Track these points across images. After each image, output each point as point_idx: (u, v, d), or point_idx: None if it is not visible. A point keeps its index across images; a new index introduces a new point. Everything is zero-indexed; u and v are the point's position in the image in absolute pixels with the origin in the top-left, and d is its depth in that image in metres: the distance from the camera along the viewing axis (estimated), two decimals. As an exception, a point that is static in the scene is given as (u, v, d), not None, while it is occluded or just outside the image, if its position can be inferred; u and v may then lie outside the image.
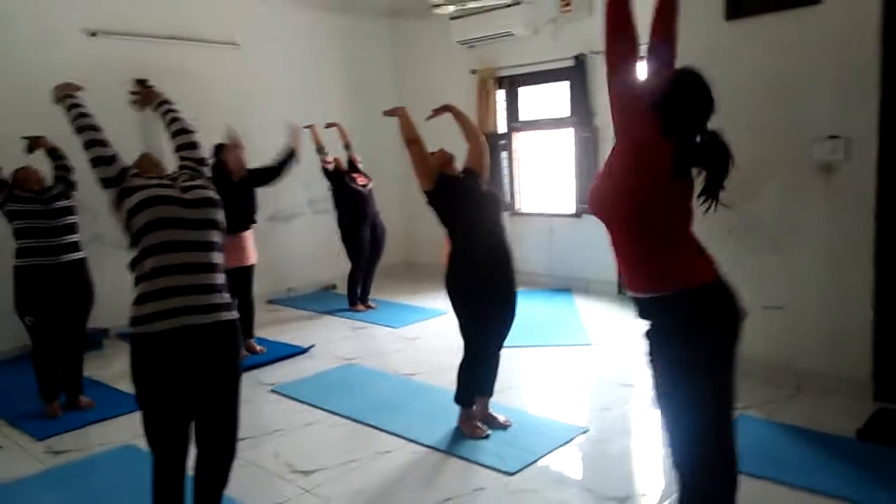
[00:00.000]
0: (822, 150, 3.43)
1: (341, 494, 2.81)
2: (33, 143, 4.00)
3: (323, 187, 7.03)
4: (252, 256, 4.79)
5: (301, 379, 4.28)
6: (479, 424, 3.28)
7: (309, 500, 2.77)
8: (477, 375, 3.27)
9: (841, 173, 3.42)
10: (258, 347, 4.79)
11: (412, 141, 3.36)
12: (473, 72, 6.76)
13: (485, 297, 3.19)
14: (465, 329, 3.25)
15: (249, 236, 4.81)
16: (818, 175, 3.48)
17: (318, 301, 6.45)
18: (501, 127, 6.75)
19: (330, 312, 5.98)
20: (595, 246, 6.24)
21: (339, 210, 5.97)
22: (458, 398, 3.30)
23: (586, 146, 6.08)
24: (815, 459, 2.88)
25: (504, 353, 3.47)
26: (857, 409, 3.30)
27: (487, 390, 3.35)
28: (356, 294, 5.98)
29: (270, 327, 5.46)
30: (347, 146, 6.12)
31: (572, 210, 6.39)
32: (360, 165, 6.12)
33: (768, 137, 3.61)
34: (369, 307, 5.98)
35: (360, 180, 6.02)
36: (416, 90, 7.47)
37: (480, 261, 3.24)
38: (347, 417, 3.62)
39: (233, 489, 2.48)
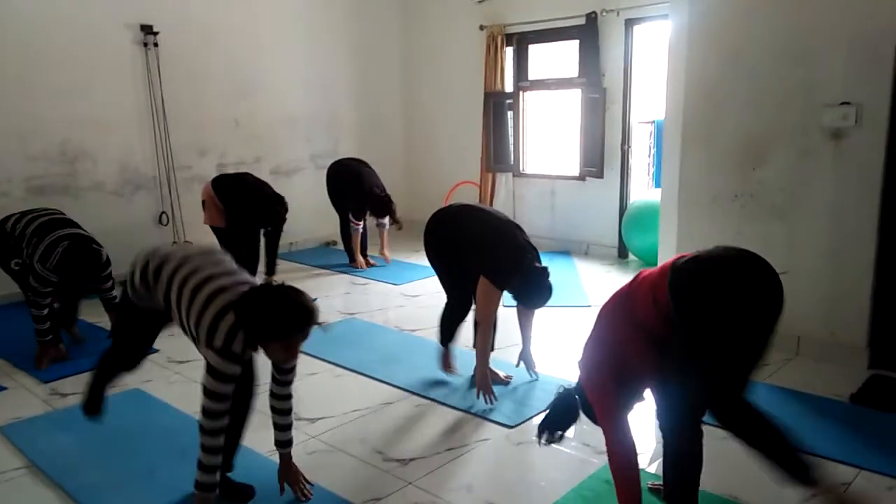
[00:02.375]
0: (833, 116, 3.42)
1: (346, 441, 2.87)
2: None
3: (326, 142, 7.01)
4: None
5: (303, 331, 4.31)
6: (453, 364, 3.48)
7: (315, 445, 2.84)
8: (454, 323, 3.43)
9: (850, 140, 3.41)
10: None
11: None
12: (482, 28, 6.66)
13: (454, 247, 3.29)
14: (441, 279, 3.46)
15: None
16: (827, 141, 3.48)
17: (318, 256, 6.47)
18: (509, 86, 6.67)
19: (330, 268, 6.00)
20: (596, 209, 6.27)
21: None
22: (440, 339, 3.48)
23: (594, 107, 6.03)
24: (808, 421, 2.94)
25: (505, 313, 3.53)
26: (852, 375, 3.36)
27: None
28: (352, 250, 6.00)
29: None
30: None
31: (576, 172, 6.38)
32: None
33: (781, 100, 3.59)
34: (370, 264, 6.00)
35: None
36: (423, 46, 7.37)
37: (455, 211, 3.43)
38: (350, 369, 3.67)
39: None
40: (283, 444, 2.44)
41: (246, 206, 4.84)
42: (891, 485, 2.47)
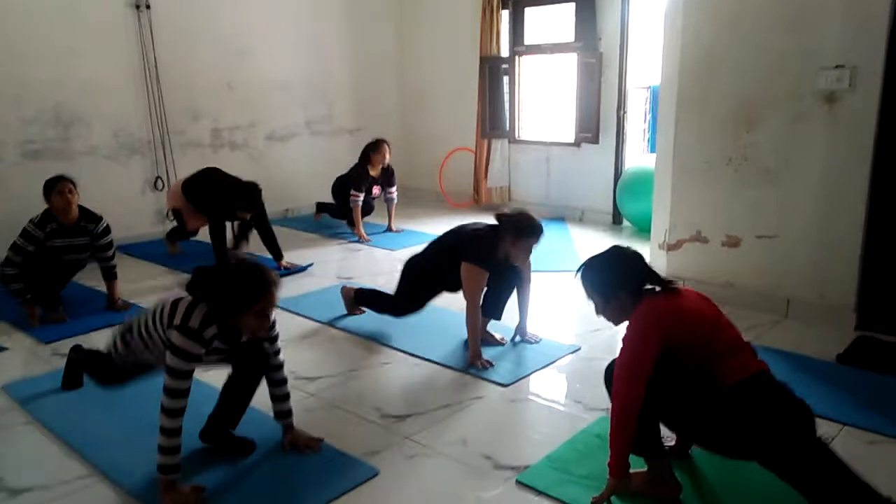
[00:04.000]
0: (828, 79, 3.43)
1: (344, 398, 2.94)
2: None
3: (321, 108, 6.97)
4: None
5: (301, 295, 4.36)
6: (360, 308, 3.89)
7: (312, 403, 2.90)
8: (380, 308, 3.73)
9: (844, 103, 3.43)
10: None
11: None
12: (477, -9, 6.59)
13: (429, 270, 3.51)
14: (404, 285, 3.62)
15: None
16: (821, 105, 3.50)
17: (314, 222, 6.49)
18: (504, 51, 6.63)
19: (326, 233, 6.03)
20: (591, 176, 6.30)
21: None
22: (357, 291, 3.84)
23: (590, 73, 6.01)
24: (796, 380, 2.96)
25: None
26: (840, 337, 3.43)
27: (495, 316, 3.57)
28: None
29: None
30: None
31: (571, 139, 6.38)
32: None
33: (775, 64, 3.60)
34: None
35: (374, 190, 5.94)
36: (418, 10, 7.29)
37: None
38: (347, 331, 3.73)
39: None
40: (283, 415, 2.50)
41: (222, 200, 4.69)
42: (872, 439, 2.55)
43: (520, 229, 3.20)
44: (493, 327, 3.56)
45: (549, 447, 2.50)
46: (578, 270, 2.26)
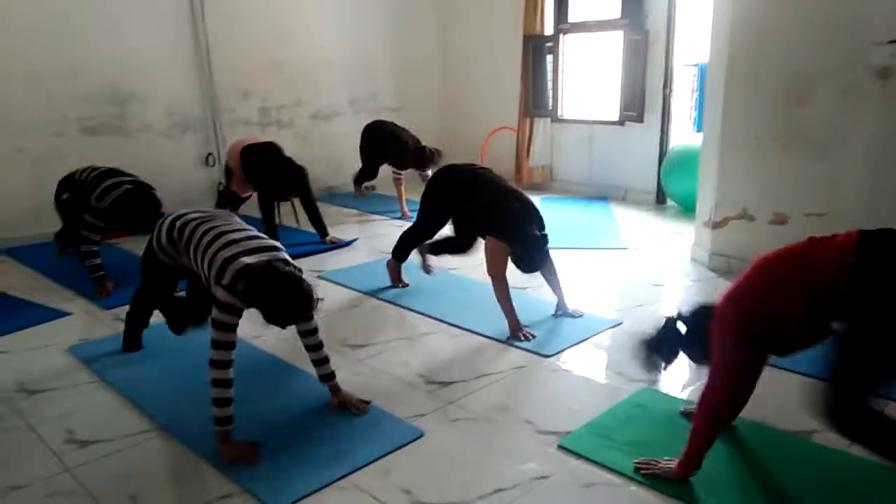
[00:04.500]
0: (882, 54, 3.35)
1: (390, 365, 3.03)
2: None
3: (364, 87, 7.05)
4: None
5: (346, 268, 4.48)
6: (403, 278, 4.05)
7: (361, 368, 3.00)
8: (411, 243, 3.98)
9: (899, 79, 3.35)
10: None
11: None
12: (522, -31, 6.56)
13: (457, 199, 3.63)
14: (424, 213, 3.86)
15: None
16: (874, 81, 3.42)
17: (358, 200, 6.60)
18: (549, 29, 6.59)
19: (371, 211, 6.13)
20: (634, 155, 6.25)
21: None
22: (394, 253, 4.01)
23: (636, 50, 5.95)
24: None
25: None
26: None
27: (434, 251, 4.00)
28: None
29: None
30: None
31: (615, 117, 6.33)
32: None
33: (827, 38, 3.53)
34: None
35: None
36: (462, -12, 7.28)
37: (467, 170, 3.74)
38: (391, 302, 3.82)
39: (284, 356, 2.80)
40: (326, 378, 2.63)
41: (273, 181, 4.83)
42: None
43: (514, 253, 3.30)
44: (536, 302, 3.60)
45: (589, 415, 2.55)
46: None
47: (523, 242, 3.23)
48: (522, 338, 3.23)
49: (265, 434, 2.45)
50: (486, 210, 3.40)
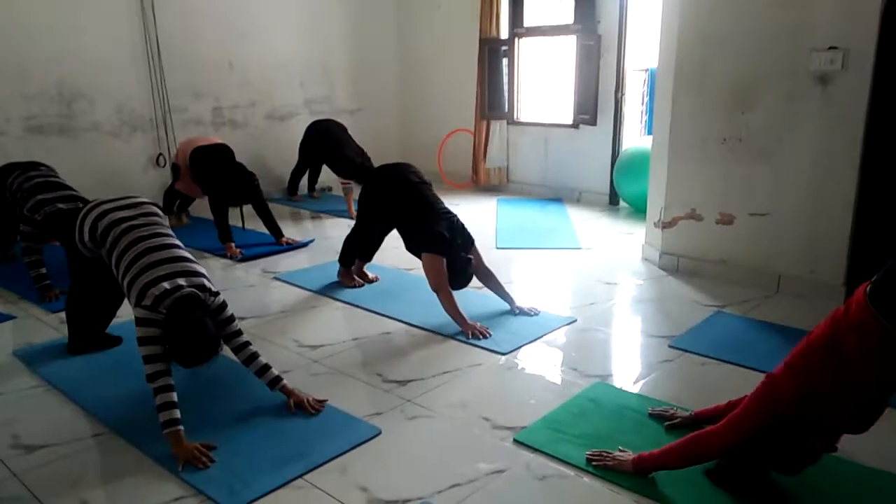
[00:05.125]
0: (821, 60, 3.50)
1: (346, 365, 3.03)
2: None
3: (320, 88, 7.01)
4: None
5: (302, 269, 4.45)
6: (356, 278, 4.09)
7: (317, 368, 2.99)
8: (351, 246, 4.06)
9: (836, 85, 3.51)
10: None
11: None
12: (477, -27, 6.62)
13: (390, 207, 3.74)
14: (364, 215, 3.94)
15: None
16: (814, 86, 3.57)
17: (314, 201, 6.56)
18: (504, 32, 6.67)
19: (327, 212, 6.10)
20: (588, 157, 6.37)
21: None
22: (340, 259, 4.09)
23: (589, 55, 6.07)
24: (784, 350, 3.09)
25: (500, 254, 4.34)
26: (830, 311, 3.51)
27: (365, 258, 4.13)
28: (296, 185, 6.53)
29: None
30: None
31: (569, 120, 6.44)
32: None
33: (771, 45, 3.67)
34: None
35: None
36: (418, -9, 7.32)
37: (400, 174, 3.79)
38: (348, 303, 3.81)
39: None
40: (273, 382, 2.62)
41: (223, 187, 4.76)
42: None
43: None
44: (486, 300, 3.65)
45: (544, 410, 2.60)
46: None
47: (454, 263, 3.38)
48: (479, 335, 3.27)
49: (219, 436, 2.42)
50: (420, 230, 3.50)
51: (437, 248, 3.39)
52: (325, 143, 5.96)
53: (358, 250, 4.07)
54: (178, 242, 2.63)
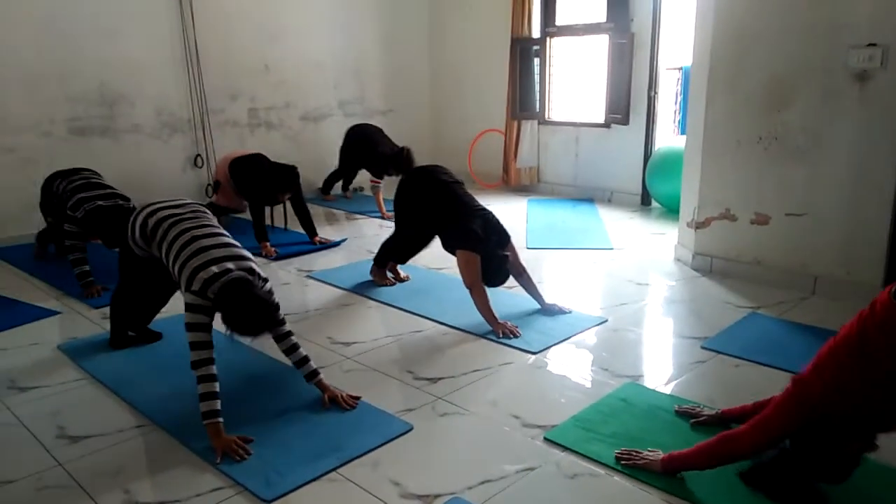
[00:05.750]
0: (860, 57, 3.44)
1: (379, 362, 3.07)
2: None
3: (353, 89, 7.09)
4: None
5: (335, 268, 4.51)
6: (388, 276, 4.14)
7: (350, 365, 3.04)
8: (389, 250, 4.10)
9: (875, 82, 3.44)
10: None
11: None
12: (510, -27, 6.63)
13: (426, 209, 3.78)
14: (401, 220, 3.99)
15: None
16: (852, 83, 3.51)
17: (347, 201, 6.64)
18: (536, 32, 6.66)
19: (360, 212, 6.17)
20: (620, 157, 6.33)
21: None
22: (376, 258, 4.15)
23: (622, 53, 6.03)
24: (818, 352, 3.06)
25: (531, 254, 4.34)
26: (866, 312, 3.45)
27: (399, 260, 4.18)
28: (330, 186, 6.66)
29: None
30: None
31: (601, 120, 6.41)
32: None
33: (807, 42, 3.62)
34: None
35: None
36: (450, -8, 7.35)
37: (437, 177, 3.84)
38: (381, 301, 3.86)
39: (278, 355, 2.80)
40: (310, 376, 2.68)
41: (265, 183, 4.86)
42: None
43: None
44: (518, 299, 3.67)
45: (574, 409, 2.61)
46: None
47: (489, 260, 3.39)
48: (509, 334, 3.29)
49: (256, 430, 2.48)
50: (454, 227, 3.52)
51: (471, 245, 3.41)
52: (363, 145, 6.05)
53: (393, 253, 4.11)
54: (225, 233, 2.70)
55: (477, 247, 3.40)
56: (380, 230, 5.60)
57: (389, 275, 4.16)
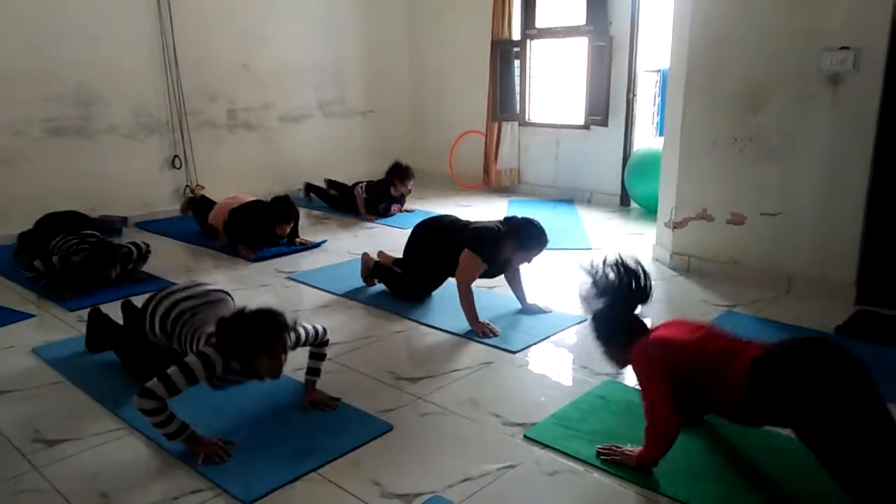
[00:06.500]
0: (833, 60, 3.51)
1: (359, 362, 3.07)
2: None
3: (333, 91, 7.07)
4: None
5: (315, 269, 4.50)
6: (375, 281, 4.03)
7: (329, 366, 3.01)
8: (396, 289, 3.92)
9: (848, 85, 3.51)
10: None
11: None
12: (489, -25, 6.66)
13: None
14: (412, 262, 3.86)
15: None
16: (826, 86, 3.58)
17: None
18: (516, 34, 6.70)
19: (338, 213, 6.15)
20: (600, 158, 6.38)
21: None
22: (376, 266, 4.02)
23: (601, 56, 6.09)
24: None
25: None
26: (840, 311, 3.53)
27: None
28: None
29: (283, 223, 5.62)
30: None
31: (581, 121, 6.46)
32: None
33: (782, 45, 3.68)
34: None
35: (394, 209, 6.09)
36: (430, -6, 7.36)
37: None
38: (361, 302, 3.86)
39: None
40: (313, 373, 2.69)
41: (262, 227, 4.82)
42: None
43: (522, 242, 3.40)
44: (500, 299, 3.68)
45: (554, 407, 2.63)
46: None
47: (513, 233, 3.40)
48: (489, 333, 3.30)
49: (235, 432, 2.47)
50: (457, 235, 3.56)
51: (480, 250, 3.38)
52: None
53: (406, 292, 3.87)
54: None
55: (486, 252, 3.38)
56: (360, 230, 5.60)
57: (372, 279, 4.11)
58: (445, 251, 3.57)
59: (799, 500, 2.07)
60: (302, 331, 2.53)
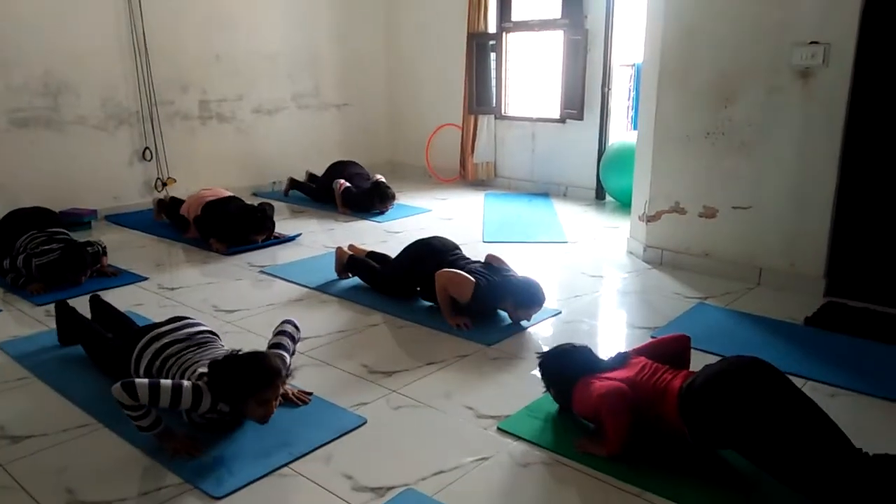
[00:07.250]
0: (802, 55, 3.55)
1: (332, 356, 3.05)
2: None
3: (308, 83, 7.00)
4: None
5: (289, 262, 4.46)
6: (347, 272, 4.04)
7: (303, 360, 3.00)
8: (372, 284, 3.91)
9: (817, 79, 3.56)
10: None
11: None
12: (465, -33, 6.63)
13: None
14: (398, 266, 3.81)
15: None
16: (795, 80, 3.62)
17: (301, 195, 6.55)
18: (492, 27, 6.69)
19: (313, 206, 6.11)
20: (575, 152, 6.41)
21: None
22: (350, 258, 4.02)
23: (576, 50, 6.10)
24: (764, 340, 3.17)
25: (487, 248, 4.22)
26: (809, 302, 3.59)
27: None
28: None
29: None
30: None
31: (556, 115, 6.47)
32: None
33: (753, 39, 3.72)
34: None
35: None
36: (406, -15, 7.31)
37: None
38: (334, 295, 3.83)
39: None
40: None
41: (235, 228, 4.76)
42: (833, 392, 2.70)
43: (520, 302, 3.34)
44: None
45: (528, 399, 2.63)
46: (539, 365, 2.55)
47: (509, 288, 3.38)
48: (463, 327, 3.30)
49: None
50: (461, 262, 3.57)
51: (479, 290, 3.31)
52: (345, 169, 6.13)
53: (382, 287, 3.84)
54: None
55: (483, 291, 3.32)
56: (336, 224, 5.56)
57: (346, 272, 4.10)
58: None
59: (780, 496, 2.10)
60: (289, 361, 2.45)
